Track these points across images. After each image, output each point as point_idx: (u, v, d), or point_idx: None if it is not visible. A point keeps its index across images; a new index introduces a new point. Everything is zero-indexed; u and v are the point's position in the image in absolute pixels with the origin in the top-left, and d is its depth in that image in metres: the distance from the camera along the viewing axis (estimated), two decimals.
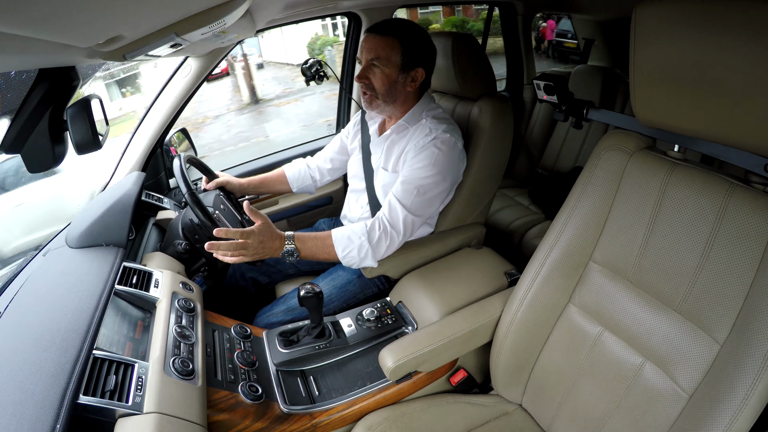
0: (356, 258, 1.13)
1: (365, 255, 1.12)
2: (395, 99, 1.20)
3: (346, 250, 1.12)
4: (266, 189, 1.51)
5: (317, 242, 1.12)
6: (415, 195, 1.13)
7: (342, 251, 1.12)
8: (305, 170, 1.52)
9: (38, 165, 0.80)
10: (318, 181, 1.54)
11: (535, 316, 0.97)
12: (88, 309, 0.78)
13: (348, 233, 1.13)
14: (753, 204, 0.68)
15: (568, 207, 0.94)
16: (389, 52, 1.13)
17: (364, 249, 1.12)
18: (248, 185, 1.46)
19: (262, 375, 1.00)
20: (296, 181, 1.51)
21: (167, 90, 1.48)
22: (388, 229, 1.13)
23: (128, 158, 1.47)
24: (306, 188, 1.54)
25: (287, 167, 1.53)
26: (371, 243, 1.12)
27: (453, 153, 1.17)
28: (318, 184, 1.55)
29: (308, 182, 1.52)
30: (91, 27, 0.50)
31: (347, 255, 1.12)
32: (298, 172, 1.51)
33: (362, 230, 1.13)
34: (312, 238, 1.12)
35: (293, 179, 1.51)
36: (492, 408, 1.04)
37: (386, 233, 1.13)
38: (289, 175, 1.51)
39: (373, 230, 1.13)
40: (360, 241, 1.12)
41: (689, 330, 0.73)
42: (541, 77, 1.29)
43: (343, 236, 1.13)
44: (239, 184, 1.43)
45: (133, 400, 0.71)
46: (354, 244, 1.12)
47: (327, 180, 1.55)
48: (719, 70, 0.62)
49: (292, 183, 1.51)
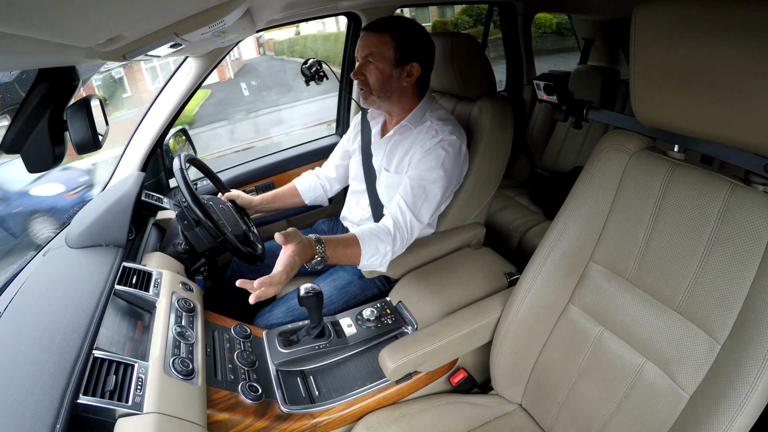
0: (377, 264, 1.09)
1: (384, 262, 1.10)
2: (390, 94, 1.20)
3: (372, 258, 1.07)
4: (280, 204, 1.49)
5: (346, 250, 1.03)
6: (423, 199, 1.13)
7: (367, 259, 1.06)
8: (315, 181, 1.52)
9: (38, 165, 0.80)
10: (328, 191, 1.53)
11: (535, 316, 0.97)
12: (87, 309, 0.78)
13: (375, 242, 1.06)
14: (753, 204, 0.68)
15: (568, 207, 0.94)
16: (382, 48, 1.14)
17: (387, 257, 1.09)
18: (260, 201, 1.44)
19: (262, 375, 1.00)
20: (307, 192, 1.50)
21: (167, 90, 1.48)
22: (405, 236, 1.11)
23: (128, 158, 1.47)
24: (318, 199, 1.53)
25: (297, 181, 1.53)
26: (394, 251, 1.10)
27: (459, 156, 1.17)
28: (329, 194, 1.54)
29: (319, 192, 1.52)
30: (91, 27, 0.50)
31: (371, 263, 1.07)
32: (309, 184, 1.51)
33: (387, 238, 1.08)
34: (341, 245, 1.02)
35: (305, 191, 1.50)
36: (492, 408, 1.04)
37: (403, 240, 1.11)
38: (300, 188, 1.50)
39: (395, 239, 1.09)
40: (386, 249, 1.08)
41: (689, 330, 0.73)
42: (541, 77, 1.29)
43: (370, 244, 1.06)
44: (250, 201, 1.41)
45: (133, 400, 0.71)
46: (380, 252, 1.07)
47: (337, 188, 1.54)
48: (719, 70, 0.62)
49: (304, 195, 1.50)
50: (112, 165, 1.48)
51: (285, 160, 1.93)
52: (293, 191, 1.51)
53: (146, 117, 1.49)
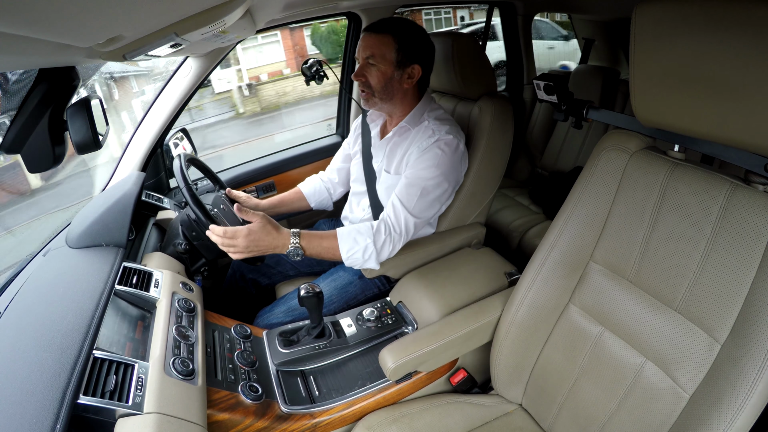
0: (360, 260, 1.12)
1: (369, 257, 1.12)
2: (392, 96, 1.20)
3: (351, 251, 1.11)
4: (286, 208, 1.49)
5: (322, 241, 1.11)
6: (418, 197, 1.13)
7: (346, 252, 1.11)
8: (320, 185, 1.52)
9: (38, 165, 0.80)
10: (333, 195, 1.53)
11: (535, 316, 0.97)
12: (88, 309, 0.78)
13: (354, 235, 1.12)
14: (753, 204, 0.68)
15: (568, 207, 0.94)
16: (384, 50, 1.14)
17: (368, 251, 1.11)
18: (267, 206, 1.44)
19: (262, 375, 1.00)
20: (313, 196, 1.51)
21: (167, 90, 1.48)
22: (393, 233, 1.13)
23: (128, 158, 1.47)
24: (323, 202, 1.53)
25: (303, 185, 1.52)
26: (376, 246, 1.11)
27: (456, 154, 1.17)
28: (333, 198, 1.54)
29: (324, 196, 1.52)
30: (91, 27, 0.50)
31: (351, 256, 1.11)
32: (314, 188, 1.51)
33: (368, 232, 1.12)
34: (317, 236, 1.11)
35: (310, 195, 1.50)
36: (492, 408, 1.04)
37: (390, 236, 1.12)
38: (306, 192, 1.50)
39: (378, 233, 1.12)
40: (365, 243, 1.10)
41: (689, 330, 0.73)
42: (541, 77, 1.29)
43: (348, 237, 1.11)
44: (257, 205, 1.40)
45: (133, 400, 0.71)
46: (359, 245, 1.10)
47: (340, 191, 1.54)
48: (719, 69, 0.62)
49: (310, 199, 1.50)
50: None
51: (285, 160, 1.93)
52: (299, 195, 1.50)
53: (146, 117, 1.49)
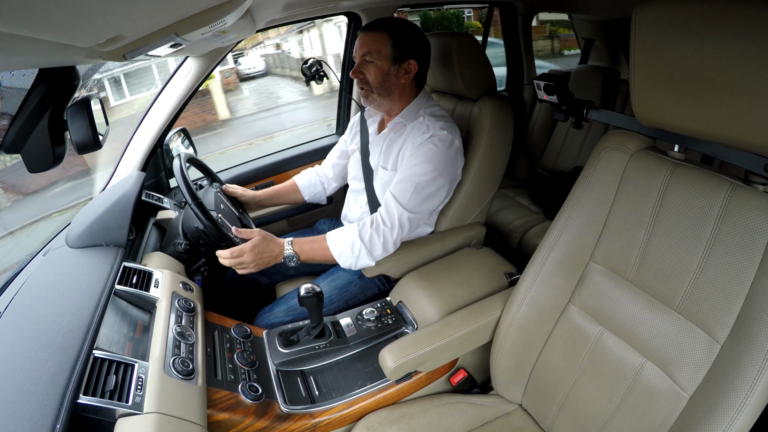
0: (351, 257, 1.13)
1: (359, 253, 1.13)
2: (390, 92, 1.21)
3: (339, 249, 1.13)
4: (280, 200, 1.52)
5: (314, 245, 1.15)
6: (411, 192, 1.14)
7: (336, 251, 1.13)
8: (315, 178, 1.53)
9: (38, 165, 0.80)
10: (327, 189, 1.55)
11: (535, 316, 0.97)
12: (88, 309, 0.78)
13: (341, 233, 1.15)
14: (753, 204, 0.68)
15: (568, 207, 0.94)
16: (380, 46, 1.16)
17: (356, 247, 1.12)
18: (263, 197, 1.46)
19: (262, 375, 1.00)
20: (307, 189, 1.53)
21: (167, 90, 1.48)
22: (381, 226, 1.13)
23: (128, 158, 1.47)
24: (317, 196, 1.54)
25: (298, 178, 1.54)
26: (363, 240, 1.12)
27: (450, 150, 1.17)
28: (327, 192, 1.56)
29: (318, 189, 1.53)
30: (91, 27, 0.50)
31: (341, 254, 1.14)
32: (309, 181, 1.53)
33: (353, 228, 1.14)
34: (309, 241, 1.15)
35: (304, 188, 1.52)
36: (492, 408, 1.04)
37: (378, 230, 1.13)
38: (300, 184, 1.52)
39: (364, 227, 1.14)
40: (351, 239, 1.12)
41: (689, 330, 0.73)
42: (541, 77, 1.29)
43: (336, 236, 1.14)
44: (253, 196, 1.43)
45: (133, 400, 0.71)
46: (346, 242, 1.13)
47: (334, 187, 1.56)
48: (719, 69, 0.62)
49: (304, 192, 1.52)
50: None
51: (285, 160, 1.93)
52: (294, 187, 1.53)
53: (146, 117, 1.49)
